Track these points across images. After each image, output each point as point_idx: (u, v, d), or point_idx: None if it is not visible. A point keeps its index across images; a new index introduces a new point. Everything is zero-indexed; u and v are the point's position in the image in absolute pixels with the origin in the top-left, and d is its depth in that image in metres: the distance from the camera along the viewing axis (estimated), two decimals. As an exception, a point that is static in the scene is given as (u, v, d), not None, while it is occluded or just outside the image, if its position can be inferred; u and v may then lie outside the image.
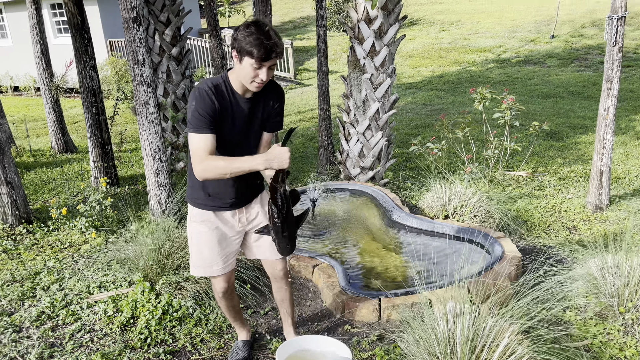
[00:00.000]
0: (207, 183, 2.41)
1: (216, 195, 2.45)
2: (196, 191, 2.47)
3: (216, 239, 2.51)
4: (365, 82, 5.35)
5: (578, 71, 12.45)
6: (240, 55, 2.14)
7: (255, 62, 2.11)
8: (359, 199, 4.88)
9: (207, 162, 2.15)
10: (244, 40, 2.10)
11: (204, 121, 2.17)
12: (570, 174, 6.19)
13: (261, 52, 2.08)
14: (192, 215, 2.52)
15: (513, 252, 3.48)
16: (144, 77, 4.43)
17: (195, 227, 2.52)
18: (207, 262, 2.55)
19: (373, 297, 3.13)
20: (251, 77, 2.17)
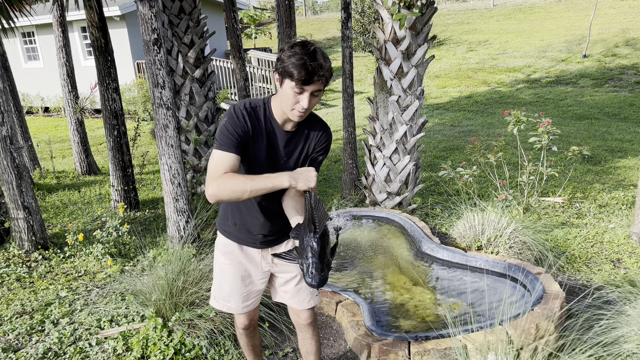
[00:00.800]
0: (234, 210, 2.23)
1: (243, 227, 2.24)
2: (223, 217, 2.29)
3: (239, 275, 2.31)
4: (392, 105, 5.13)
5: (613, 92, 12.01)
6: (282, 78, 1.90)
7: (295, 86, 1.86)
8: (386, 228, 4.62)
9: (222, 178, 1.90)
10: (287, 61, 1.86)
11: (230, 140, 1.95)
12: (610, 201, 5.82)
13: (302, 73, 1.83)
14: (218, 243, 2.35)
15: (556, 291, 3.17)
16: (164, 100, 4.30)
17: (218, 257, 2.35)
18: (225, 297, 2.36)
19: (402, 340, 2.86)
20: (292, 104, 1.91)
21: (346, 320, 3.13)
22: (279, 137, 2.06)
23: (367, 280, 3.74)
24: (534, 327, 2.85)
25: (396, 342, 2.85)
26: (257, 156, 2.05)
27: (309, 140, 2.11)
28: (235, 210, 2.23)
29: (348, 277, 3.81)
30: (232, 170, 1.94)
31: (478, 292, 3.49)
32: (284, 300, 2.42)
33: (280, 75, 1.90)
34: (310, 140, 2.11)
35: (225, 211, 2.28)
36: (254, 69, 12.28)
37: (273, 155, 2.08)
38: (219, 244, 2.33)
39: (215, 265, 2.37)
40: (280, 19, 5.43)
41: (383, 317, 3.28)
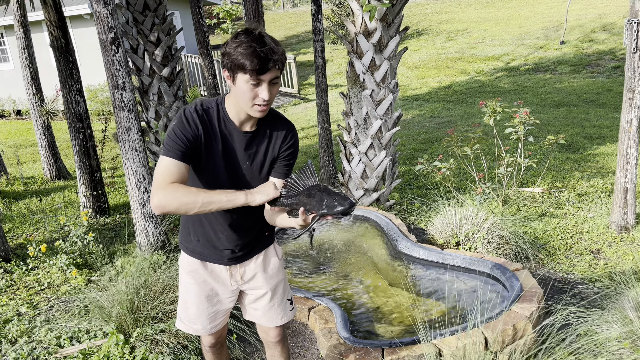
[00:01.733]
0: (195, 224, 2.01)
1: (207, 242, 2.03)
2: (184, 233, 2.09)
3: (204, 295, 2.11)
4: (366, 99, 4.99)
5: (591, 77, 12.02)
6: (232, 73, 1.69)
7: (250, 78, 1.66)
8: (362, 226, 4.49)
9: (169, 188, 1.69)
10: (234, 53, 1.65)
11: (178, 146, 1.74)
12: (590, 190, 5.76)
13: (255, 62, 1.63)
14: (181, 262, 2.13)
15: (533, 288, 3.07)
16: (125, 102, 4.11)
17: (183, 277, 2.14)
18: (191, 319, 2.16)
19: (375, 347, 2.73)
20: (250, 99, 1.70)
21: (319, 328, 2.99)
22: (236, 140, 1.85)
23: (342, 283, 3.61)
24: (511, 328, 2.75)
25: (369, 350, 2.73)
26: (213, 163, 1.85)
27: (272, 140, 1.90)
28: (197, 224, 2.02)
29: (322, 280, 3.67)
30: (180, 179, 1.75)
31: (455, 291, 3.38)
32: (253, 318, 2.24)
33: (230, 70, 1.69)
34: (274, 140, 1.90)
35: (186, 226, 2.07)
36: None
37: (232, 161, 1.87)
38: (182, 262, 2.12)
39: (180, 285, 2.17)
40: (248, 13, 5.26)
41: (358, 322, 3.15)
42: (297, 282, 3.68)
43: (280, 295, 2.19)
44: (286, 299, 2.23)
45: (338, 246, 4.16)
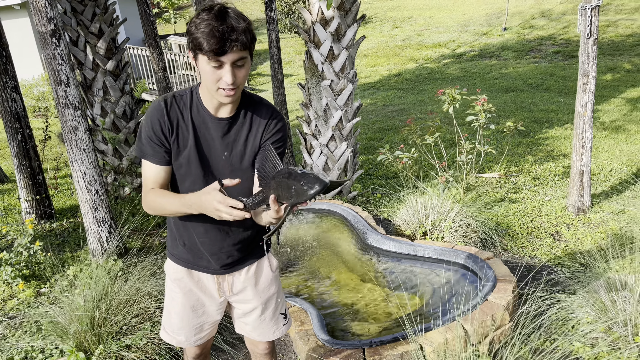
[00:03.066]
0: (180, 227, 1.84)
1: (193, 247, 1.85)
2: (171, 237, 1.92)
3: (189, 305, 1.93)
4: (326, 90, 4.87)
5: (534, 63, 12.39)
6: (194, 54, 1.54)
7: (210, 59, 1.49)
8: (328, 220, 4.39)
9: (148, 195, 1.69)
10: (194, 32, 1.50)
11: (151, 145, 1.65)
12: (544, 173, 5.91)
13: (212, 42, 1.46)
14: (167, 268, 1.97)
15: (507, 277, 3.07)
16: (70, 99, 3.80)
17: (168, 284, 1.98)
18: (174, 330, 1.98)
19: (355, 347, 2.65)
20: (214, 82, 1.54)
21: (294, 331, 2.87)
22: (212, 128, 1.68)
23: (313, 282, 3.50)
24: (489, 319, 2.73)
25: (350, 351, 2.63)
26: (186, 155, 1.68)
27: (254, 127, 1.72)
28: (181, 227, 1.83)
29: (293, 279, 3.55)
30: (157, 181, 1.70)
31: (429, 283, 3.34)
32: (243, 332, 2.07)
33: (192, 51, 1.54)
34: (255, 127, 1.72)
35: (171, 230, 1.89)
36: (175, 56, 11.60)
37: (208, 150, 1.69)
38: (168, 269, 1.96)
39: (166, 293, 2.00)
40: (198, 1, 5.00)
41: (333, 322, 3.06)
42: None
43: (272, 310, 2.02)
44: (279, 312, 2.05)
45: (306, 242, 4.05)
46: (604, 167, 5.82)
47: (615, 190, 5.14)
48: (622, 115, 7.86)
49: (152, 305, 2.96)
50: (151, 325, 2.79)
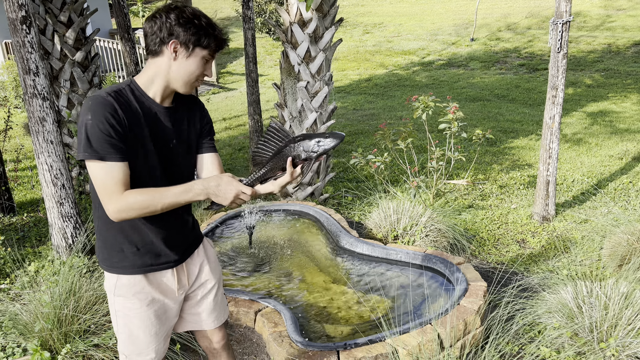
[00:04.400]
0: (129, 233, 1.73)
1: (150, 247, 1.77)
2: (115, 249, 1.75)
3: (153, 316, 1.81)
4: (301, 91, 4.87)
5: (500, 74, 12.72)
6: (190, 47, 1.63)
7: (208, 54, 1.67)
8: (301, 222, 4.38)
9: (124, 198, 1.57)
10: (194, 28, 1.61)
11: (110, 142, 1.55)
12: (509, 182, 6.07)
13: (216, 42, 1.67)
14: (116, 288, 1.78)
15: (478, 282, 3.13)
16: (39, 88, 3.67)
17: (121, 304, 1.79)
18: (143, 350, 1.84)
19: (330, 349, 2.64)
20: (197, 75, 1.67)
21: (267, 332, 2.85)
22: (162, 117, 1.72)
23: (286, 283, 3.48)
24: (462, 322, 2.78)
25: (324, 353, 2.63)
26: (143, 147, 1.66)
27: (192, 114, 1.84)
28: (131, 232, 1.73)
29: (265, 281, 3.52)
30: (126, 181, 1.61)
31: (401, 287, 3.37)
32: (197, 325, 2.02)
33: (187, 44, 1.62)
34: (192, 114, 1.84)
35: (113, 242, 1.75)
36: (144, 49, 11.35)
37: (162, 140, 1.72)
38: (118, 287, 1.77)
39: (118, 317, 1.82)
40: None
41: (306, 324, 3.05)
42: (237, 283, 3.50)
43: (222, 288, 2.09)
44: (222, 291, 2.12)
45: (278, 244, 4.02)
46: (567, 178, 6.03)
47: (578, 200, 5.33)
48: (583, 128, 8.15)
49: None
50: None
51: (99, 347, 2.57)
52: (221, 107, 11.05)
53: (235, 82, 13.50)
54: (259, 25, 17.32)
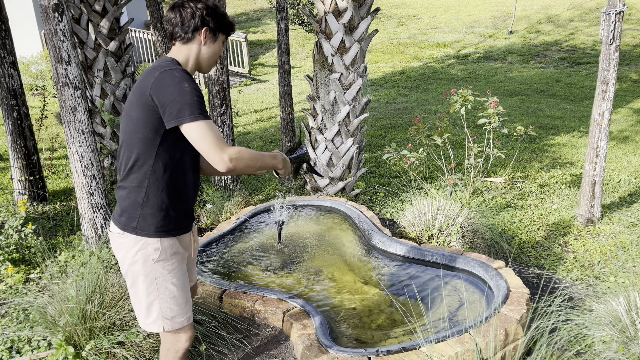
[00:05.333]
0: (175, 196, 1.92)
1: (185, 209, 2.00)
2: (162, 214, 1.90)
3: (185, 272, 2.03)
4: (334, 83, 4.72)
5: (539, 68, 12.27)
6: (215, 34, 1.93)
7: (225, 38, 1.99)
8: (331, 218, 4.25)
9: (236, 148, 1.78)
10: (218, 17, 1.91)
11: (204, 105, 1.80)
12: (550, 180, 5.80)
13: (232, 27, 2.00)
14: (159, 252, 1.90)
15: (520, 289, 2.94)
16: (70, 77, 3.63)
17: (161, 268, 1.91)
18: (182, 307, 1.98)
19: (361, 355, 2.51)
20: (219, 55, 2.00)
21: (296, 334, 2.74)
22: None
23: (315, 282, 3.36)
24: (502, 332, 2.60)
25: (354, 359, 2.50)
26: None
27: None
28: (176, 196, 1.93)
29: (293, 279, 3.41)
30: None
31: (436, 290, 3.21)
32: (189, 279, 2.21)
33: (215, 31, 1.92)
34: None
35: (159, 206, 1.89)
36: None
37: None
38: (159, 252, 1.90)
39: (157, 284, 1.92)
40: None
41: (335, 326, 2.92)
42: (265, 281, 3.40)
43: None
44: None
45: (308, 240, 3.91)
46: (612, 178, 5.72)
47: (625, 202, 5.04)
48: (629, 126, 7.76)
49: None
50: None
51: (123, 345, 2.50)
52: (253, 99, 10.99)
53: (267, 74, 13.42)
54: (291, 17, 17.20)
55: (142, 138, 1.81)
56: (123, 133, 1.89)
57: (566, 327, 2.78)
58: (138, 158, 1.84)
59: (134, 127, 1.82)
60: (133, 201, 1.88)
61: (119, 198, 1.94)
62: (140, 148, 1.82)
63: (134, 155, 1.84)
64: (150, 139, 1.81)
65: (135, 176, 1.86)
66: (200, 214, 4.92)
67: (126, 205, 1.90)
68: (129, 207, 1.89)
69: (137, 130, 1.81)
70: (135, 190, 1.87)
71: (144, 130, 1.80)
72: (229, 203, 4.74)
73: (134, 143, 1.83)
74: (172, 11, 1.87)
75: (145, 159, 1.83)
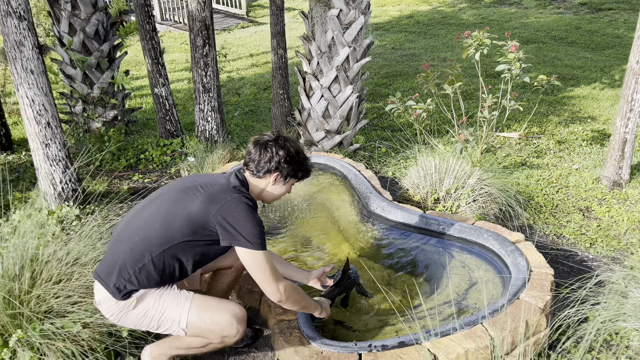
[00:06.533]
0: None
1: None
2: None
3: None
4: (332, 21, 4.09)
5: (558, 14, 11.41)
6: (286, 179, 2.06)
7: (297, 182, 2.12)
8: (325, 177, 3.74)
9: (290, 286, 1.99)
10: (295, 166, 2.04)
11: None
12: (569, 137, 5.24)
13: (307, 174, 2.14)
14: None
15: (543, 269, 2.46)
16: (13, 5, 3.03)
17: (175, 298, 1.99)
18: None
19: (350, 351, 2.06)
20: (285, 194, 2.13)
21: (274, 320, 2.28)
22: None
23: (301, 254, 2.89)
24: (522, 325, 2.14)
25: (342, 355, 2.05)
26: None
27: None
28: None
29: (276, 250, 2.94)
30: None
31: (442, 267, 2.74)
32: None
33: (285, 177, 2.04)
34: None
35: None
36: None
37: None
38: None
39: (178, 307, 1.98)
40: None
41: (323, 309, 2.46)
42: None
43: None
44: None
45: (297, 203, 3.41)
46: (639, 136, 5.15)
47: (655, 164, 4.50)
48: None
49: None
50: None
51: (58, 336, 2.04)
52: (249, 42, 10.25)
53: (266, 15, 12.56)
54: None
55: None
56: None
57: (594, 313, 2.32)
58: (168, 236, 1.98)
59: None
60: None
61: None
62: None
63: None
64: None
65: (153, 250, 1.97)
66: (180, 169, 4.42)
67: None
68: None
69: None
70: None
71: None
72: (211, 157, 4.23)
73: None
74: (255, 147, 2.01)
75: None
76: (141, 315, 1.89)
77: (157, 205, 1.94)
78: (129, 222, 1.94)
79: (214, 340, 1.95)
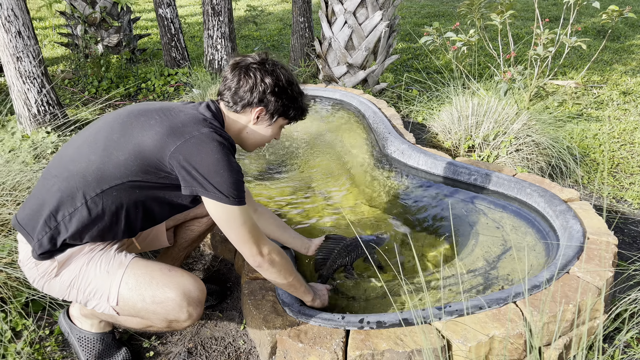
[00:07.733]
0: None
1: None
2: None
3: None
4: None
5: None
6: (275, 116, 1.55)
7: (287, 123, 1.63)
8: (340, 115, 3.18)
9: (274, 253, 1.51)
10: (286, 100, 1.53)
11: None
12: (636, 88, 4.48)
13: (301, 113, 1.62)
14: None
15: (603, 236, 1.87)
16: None
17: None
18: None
19: (335, 325, 1.56)
20: (269, 140, 1.64)
21: (246, 278, 1.80)
22: None
23: (300, 201, 2.38)
24: (571, 309, 1.58)
25: (324, 330, 1.56)
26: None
27: None
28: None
29: (274, 190, 2.44)
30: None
31: (470, 225, 2.18)
32: None
33: (271, 114, 1.54)
34: None
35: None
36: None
37: None
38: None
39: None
40: None
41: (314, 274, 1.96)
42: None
43: None
44: None
45: (303, 141, 2.88)
46: None
47: None
48: None
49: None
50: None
51: None
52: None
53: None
54: None
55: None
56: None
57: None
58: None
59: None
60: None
61: None
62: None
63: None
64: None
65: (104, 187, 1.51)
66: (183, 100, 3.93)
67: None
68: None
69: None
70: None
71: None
72: (215, 87, 3.72)
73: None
74: (232, 71, 1.51)
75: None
76: (66, 286, 1.42)
77: (96, 132, 1.42)
78: (60, 153, 1.44)
79: (157, 324, 1.45)
